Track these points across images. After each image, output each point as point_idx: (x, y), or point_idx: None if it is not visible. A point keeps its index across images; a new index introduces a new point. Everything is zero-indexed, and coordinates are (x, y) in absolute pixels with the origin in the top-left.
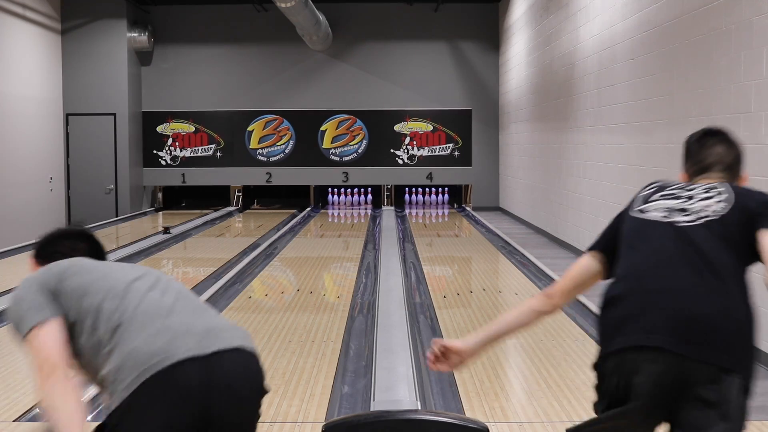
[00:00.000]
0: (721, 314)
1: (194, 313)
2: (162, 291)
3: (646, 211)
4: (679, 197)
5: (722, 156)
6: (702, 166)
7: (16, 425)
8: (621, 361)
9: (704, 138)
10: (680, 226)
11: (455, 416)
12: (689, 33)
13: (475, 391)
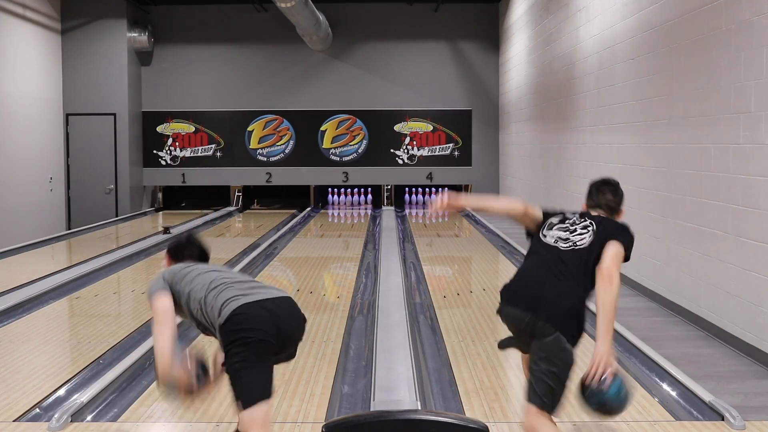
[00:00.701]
0: (556, 297)
1: (255, 283)
2: (235, 274)
3: (546, 235)
4: (567, 230)
5: (609, 201)
6: (596, 204)
7: (16, 425)
8: (506, 313)
9: (601, 186)
10: (558, 249)
11: (455, 416)
12: (689, 33)
13: (475, 391)
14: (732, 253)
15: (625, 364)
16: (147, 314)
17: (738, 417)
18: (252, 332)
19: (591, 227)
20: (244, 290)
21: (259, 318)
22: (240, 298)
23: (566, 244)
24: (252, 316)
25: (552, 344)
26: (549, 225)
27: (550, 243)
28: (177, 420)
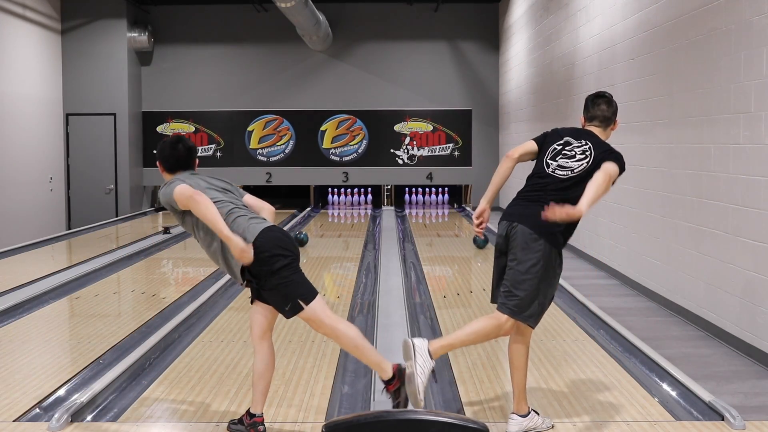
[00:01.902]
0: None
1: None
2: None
3: (550, 164)
4: (566, 155)
5: (604, 111)
6: (592, 116)
7: (16, 425)
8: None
9: (596, 99)
10: (556, 175)
11: (455, 416)
12: (689, 33)
13: (475, 391)
14: (732, 253)
15: (625, 364)
16: (147, 314)
17: (738, 417)
18: (284, 250)
19: (589, 151)
20: (255, 217)
21: (281, 240)
22: (256, 224)
23: (564, 171)
24: (275, 239)
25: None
26: (553, 151)
27: (550, 171)
28: (177, 420)
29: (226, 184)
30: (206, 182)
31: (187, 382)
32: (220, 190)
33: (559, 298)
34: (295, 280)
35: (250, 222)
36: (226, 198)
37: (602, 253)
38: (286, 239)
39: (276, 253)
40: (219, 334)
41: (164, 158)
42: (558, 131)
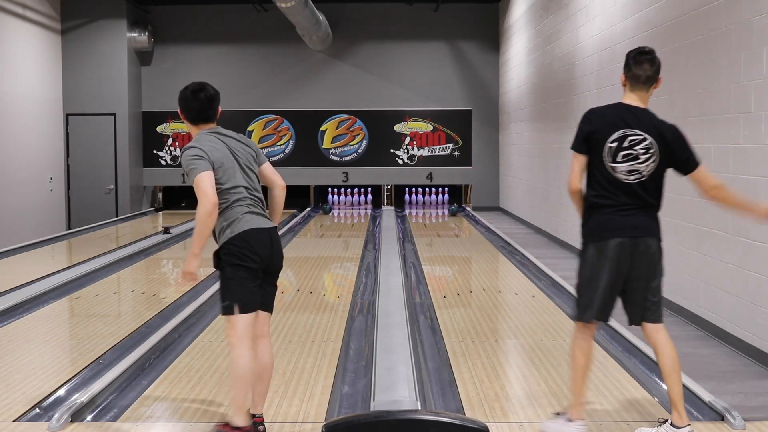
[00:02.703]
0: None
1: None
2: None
3: (616, 169)
4: (629, 156)
5: (647, 71)
6: (635, 76)
7: (16, 425)
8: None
9: (638, 56)
10: (630, 182)
11: (455, 416)
12: (689, 33)
13: (475, 391)
14: (732, 253)
15: (625, 364)
16: (147, 314)
17: (738, 417)
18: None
19: (653, 149)
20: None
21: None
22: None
23: (634, 176)
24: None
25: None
26: (610, 152)
27: (622, 180)
28: (177, 420)
29: (248, 157)
30: (232, 153)
31: (187, 382)
32: (241, 169)
33: (559, 297)
34: (245, 285)
35: (245, 216)
36: (243, 182)
37: None
38: (263, 248)
39: (243, 252)
40: (219, 334)
41: (186, 108)
42: (598, 122)
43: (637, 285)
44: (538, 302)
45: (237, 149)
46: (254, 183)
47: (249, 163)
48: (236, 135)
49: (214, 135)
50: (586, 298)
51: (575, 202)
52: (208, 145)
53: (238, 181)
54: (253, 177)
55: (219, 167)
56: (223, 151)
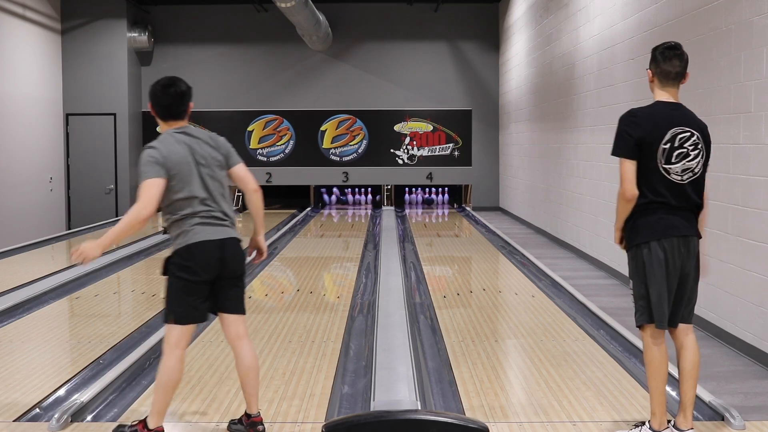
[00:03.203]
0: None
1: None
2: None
3: (670, 171)
4: (681, 155)
5: (677, 67)
6: (664, 72)
7: (17, 425)
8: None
9: (667, 52)
10: (684, 182)
11: (455, 416)
12: (689, 33)
13: (475, 391)
14: (732, 253)
15: (625, 364)
16: (146, 314)
17: (738, 417)
18: (194, 266)
19: (700, 144)
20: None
21: (202, 258)
22: (197, 234)
23: (687, 175)
24: (197, 254)
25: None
26: (664, 153)
27: (676, 181)
28: (177, 420)
29: (214, 162)
30: (194, 158)
31: (187, 382)
32: (200, 177)
33: (559, 297)
34: (181, 298)
35: (194, 227)
36: (199, 192)
37: (602, 253)
38: (211, 260)
39: (188, 265)
40: (219, 334)
41: (155, 103)
42: (647, 125)
43: (687, 285)
44: (538, 302)
45: (201, 154)
46: (214, 191)
47: (212, 170)
48: (207, 136)
49: (182, 135)
50: (657, 301)
51: (626, 210)
52: (169, 147)
53: (194, 191)
54: (214, 185)
55: (175, 174)
56: (184, 155)
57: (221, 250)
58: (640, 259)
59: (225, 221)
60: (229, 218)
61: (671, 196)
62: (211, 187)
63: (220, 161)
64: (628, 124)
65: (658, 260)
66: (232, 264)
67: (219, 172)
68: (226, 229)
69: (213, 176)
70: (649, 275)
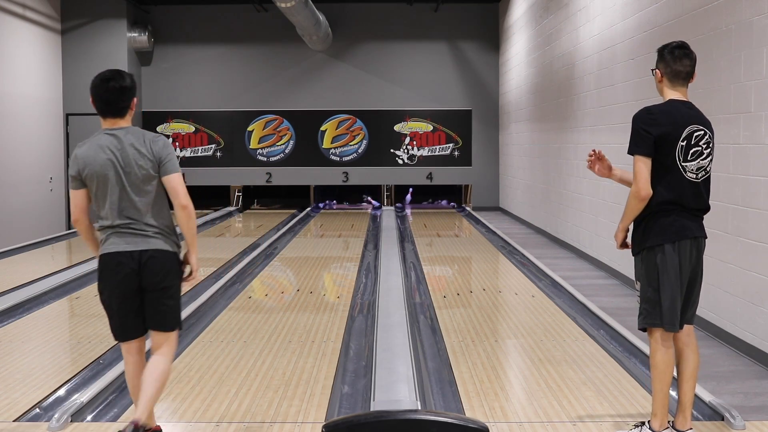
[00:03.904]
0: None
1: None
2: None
3: (686, 168)
4: (696, 153)
5: (687, 67)
6: (674, 72)
7: (17, 425)
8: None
9: (676, 51)
10: (698, 180)
11: (455, 416)
12: (689, 33)
13: (475, 391)
14: (732, 253)
15: (625, 364)
16: None
17: (738, 417)
18: (99, 284)
19: (711, 141)
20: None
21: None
22: (107, 246)
23: (701, 173)
24: (102, 269)
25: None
26: (681, 151)
27: (691, 179)
28: (177, 420)
29: (140, 170)
30: (116, 166)
31: (187, 382)
32: (120, 186)
33: (559, 297)
34: (108, 311)
35: (108, 238)
36: (115, 203)
37: (602, 253)
38: (122, 271)
39: (100, 278)
40: (219, 334)
41: (94, 97)
42: (666, 122)
43: (695, 287)
44: (538, 302)
45: (127, 160)
46: (135, 202)
47: (138, 179)
48: (140, 141)
49: (111, 137)
50: (671, 305)
51: (636, 210)
52: (89, 153)
53: (111, 202)
54: (138, 194)
55: (92, 183)
56: (103, 163)
57: (136, 261)
58: (653, 262)
59: (146, 232)
60: (156, 228)
61: (687, 194)
62: (134, 197)
63: (147, 169)
64: (646, 122)
65: (673, 263)
66: (150, 277)
67: (145, 180)
68: (149, 239)
69: (136, 185)
70: (663, 279)
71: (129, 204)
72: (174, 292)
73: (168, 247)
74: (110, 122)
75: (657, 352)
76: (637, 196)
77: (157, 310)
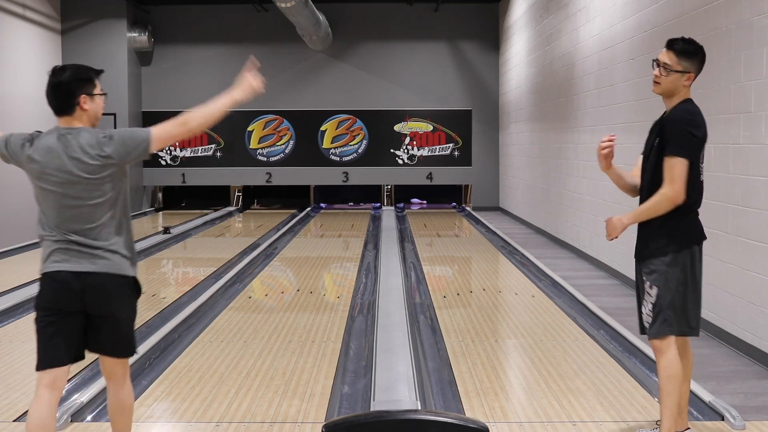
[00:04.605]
0: None
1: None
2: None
3: (702, 171)
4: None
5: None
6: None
7: (17, 425)
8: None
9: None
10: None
11: (455, 416)
12: (689, 33)
13: (475, 391)
14: (732, 253)
15: (625, 364)
16: (147, 314)
17: (738, 417)
18: (44, 305)
19: None
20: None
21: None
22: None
23: (702, 174)
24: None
25: None
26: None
27: (702, 180)
28: (177, 420)
29: (72, 181)
30: (47, 173)
31: (187, 382)
32: (54, 193)
33: (559, 297)
34: (40, 335)
35: (50, 255)
36: (51, 212)
37: (602, 253)
38: (64, 294)
39: (40, 297)
40: (219, 334)
41: (45, 92)
42: (704, 125)
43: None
44: (538, 302)
45: (56, 167)
46: (67, 215)
47: (69, 188)
48: (78, 144)
49: (52, 139)
50: (696, 308)
51: (664, 212)
52: (35, 153)
53: (47, 211)
54: (69, 207)
55: (34, 185)
56: (43, 165)
57: (79, 283)
58: (680, 265)
59: (90, 251)
60: (103, 249)
61: (701, 195)
62: (65, 209)
63: (83, 176)
64: (692, 125)
65: (701, 265)
66: (94, 302)
67: (81, 189)
68: (96, 261)
69: (70, 196)
70: (691, 282)
71: (62, 218)
72: (124, 320)
73: (113, 270)
74: (62, 121)
75: (675, 363)
76: (674, 200)
77: (109, 337)
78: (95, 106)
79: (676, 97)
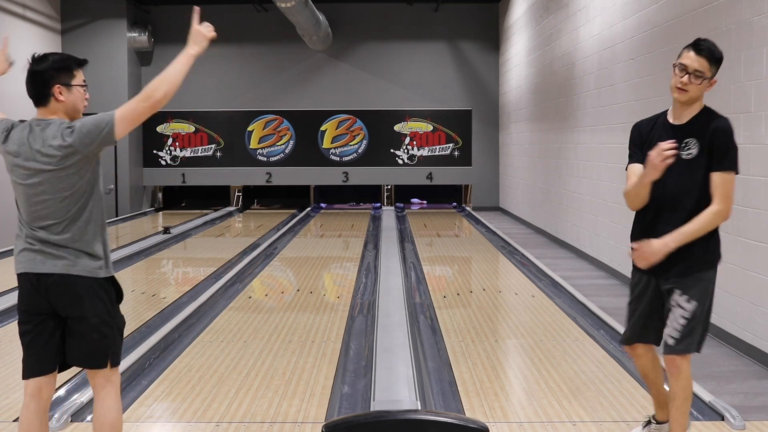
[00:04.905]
0: None
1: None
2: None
3: None
4: None
5: None
6: None
7: (17, 425)
8: None
9: None
10: None
11: (455, 416)
12: (689, 33)
13: (475, 391)
14: (732, 253)
15: (625, 364)
16: (147, 314)
17: (738, 417)
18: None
19: None
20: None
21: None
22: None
23: None
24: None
25: None
26: None
27: None
28: (177, 420)
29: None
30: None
31: (187, 382)
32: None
33: (559, 297)
34: (23, 340)
35: (20, 254)
36: (22, 205)
37: (602, 253)
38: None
39: (19, 298)
40: (219, 334)
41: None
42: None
43: None
44: (538, 302)
45: (28, 157)
46: (32, 211)
47: (39, 181)
48: (42, 138)
49: (25, 131)
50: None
51: (712, 229)
52: (9, 145)
53: (20, 204)
54: (35, 202)
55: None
56: (13, 156)
57: (42, 285)
58: (713, 280)
59: (54, 251)
60: (69, 248)
61: None
62: (33, 205)
63: (46, 169)
64: (732, 136)
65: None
66: (59, 304)
67: (46, 183)
68: (58, 261)
69: (36, 189)
70: (711, 300)
71: (29, 215)
72: (95, 326)
73: (77, 271)
74: (39, 112)
75: (691, 380)
76: (726, 218)
77: (80, 343)
78: (73, 98)
79: (697, 103)
